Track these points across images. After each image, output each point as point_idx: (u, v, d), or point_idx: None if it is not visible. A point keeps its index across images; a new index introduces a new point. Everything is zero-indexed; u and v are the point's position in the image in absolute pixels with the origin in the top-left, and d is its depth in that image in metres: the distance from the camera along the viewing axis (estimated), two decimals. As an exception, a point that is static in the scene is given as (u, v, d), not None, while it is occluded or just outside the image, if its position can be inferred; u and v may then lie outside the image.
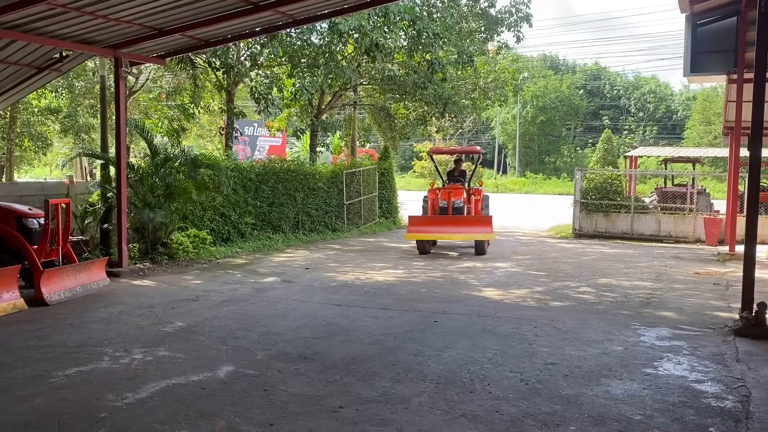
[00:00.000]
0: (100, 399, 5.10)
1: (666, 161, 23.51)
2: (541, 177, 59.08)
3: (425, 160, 43.16)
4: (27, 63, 11.61)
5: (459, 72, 20.15)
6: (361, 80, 20.19)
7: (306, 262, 12.81)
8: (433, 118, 22.53)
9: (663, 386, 5.51)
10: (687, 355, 6.46)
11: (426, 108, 20.49)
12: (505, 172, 66.34)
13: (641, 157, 31.29)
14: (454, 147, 22.71)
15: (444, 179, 16.25)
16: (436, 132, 28.36)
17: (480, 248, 14.12)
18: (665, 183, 22.60)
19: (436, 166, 18.26)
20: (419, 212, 15.41)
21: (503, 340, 6.97)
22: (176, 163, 12.81)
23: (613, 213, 18.51)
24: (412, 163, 54.73)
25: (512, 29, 20.36)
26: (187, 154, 13.38)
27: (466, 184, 15.60)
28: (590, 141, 65.61)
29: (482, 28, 20.79)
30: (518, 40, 20.78)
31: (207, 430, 4.53)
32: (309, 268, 12.10)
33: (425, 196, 15.23)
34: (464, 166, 17.03)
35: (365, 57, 16.29)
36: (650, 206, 19.12)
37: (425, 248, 14.20)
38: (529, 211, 28.48)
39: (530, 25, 20.82)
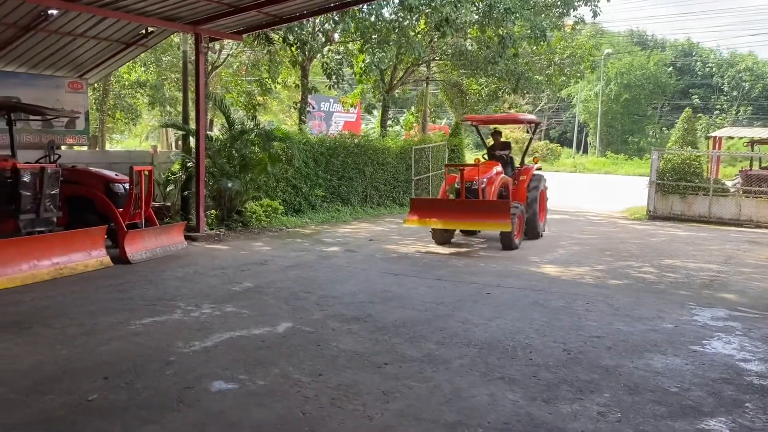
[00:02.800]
0: (171, 345, 5.65)
1: (753, 143, 22.31)
2: (622, 157, 57.03)
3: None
4: (116, 39, 12.49)
5: (533, 48, 19.81)
6: (434, 56, 20.20)
7: (370, 234, 13.21)
8: (506, 94, 22.28)
9: (707, 363, 5.54)
10: (739, 336, 6.41)
11: (498, 84, 20.30)
12: (585, 151, 64.47)
13: (731, 138, 29.71)
14: (493, 115, 19.79)
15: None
16: (510, 108, 27.95)
17: (507, 241, 11.39)
18: (751, 165, 21.53)
19: (481, 138, 16.13)
20: None
21: (553, 313, 7.11)
22: (251, 136, 13.43)
23: (690, 195, 17.93)
24: (487, 140, 54.11)
25: (589, 4, 19.77)
26: (261, 128, 13.98)
27: (519, 160, 13.82)
28: (677, 121, 62.55)
29: (558, 3, 20.29)
30: (595, 14, 20.12)
31: (262, 376, 4.98)
32: (372, 239, 12.49)
33: None
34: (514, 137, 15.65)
35: (436, 32, 16.31)
36: (732, 189, 18.35)
37: (443, 237, 11.97)
38: (606, 192, 27.77)
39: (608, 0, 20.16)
